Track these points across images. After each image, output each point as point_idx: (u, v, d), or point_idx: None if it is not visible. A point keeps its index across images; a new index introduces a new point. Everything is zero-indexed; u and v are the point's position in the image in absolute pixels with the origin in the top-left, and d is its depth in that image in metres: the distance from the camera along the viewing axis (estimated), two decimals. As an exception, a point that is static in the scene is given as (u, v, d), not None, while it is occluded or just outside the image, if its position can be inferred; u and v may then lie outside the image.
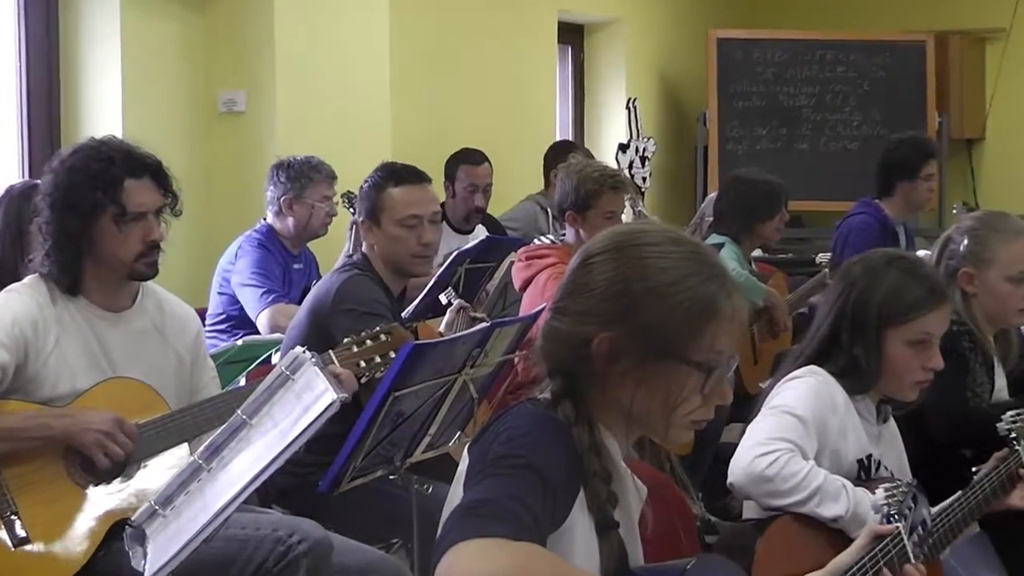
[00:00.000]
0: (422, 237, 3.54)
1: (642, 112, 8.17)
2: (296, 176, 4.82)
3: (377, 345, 3.02)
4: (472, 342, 2.94)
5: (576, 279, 1.74)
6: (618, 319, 1.67)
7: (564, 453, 1.63)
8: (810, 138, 8.37)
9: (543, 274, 4.26)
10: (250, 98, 5.47)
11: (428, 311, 4.18)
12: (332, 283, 3.48)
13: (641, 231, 1.74)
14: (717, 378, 1.69)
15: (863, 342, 2.62)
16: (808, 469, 2.46)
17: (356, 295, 3.42)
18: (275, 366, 2.29)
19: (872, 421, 2.68)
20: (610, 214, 4.30)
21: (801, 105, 8.37)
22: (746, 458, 2.47)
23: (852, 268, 2.71)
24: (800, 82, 8.36)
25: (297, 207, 4.82)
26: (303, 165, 4.84)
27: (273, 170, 4.89)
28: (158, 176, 2.87)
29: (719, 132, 8.31)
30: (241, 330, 4.61)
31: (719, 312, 1.67)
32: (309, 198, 4.82)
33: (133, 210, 2.82)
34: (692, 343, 1.66)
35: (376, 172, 3.61)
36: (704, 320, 1.67)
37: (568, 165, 4.45)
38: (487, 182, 5.78)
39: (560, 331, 1.72)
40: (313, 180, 4.83)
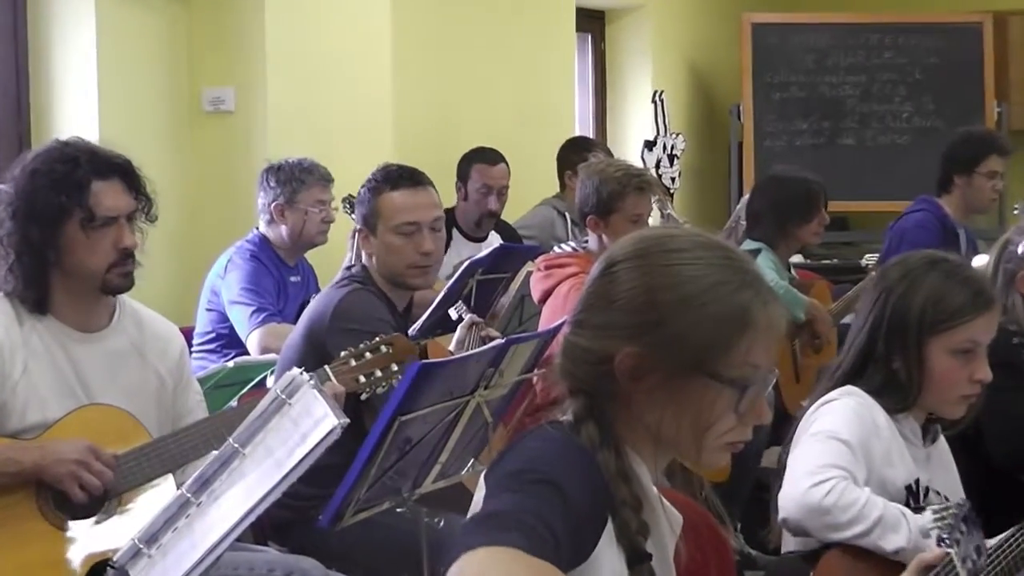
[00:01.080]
0: (421, 246, 3.54)
1: (670, 106, 8.17)
2: (287, 180, 4.84)
3: (378, 358, 3.02)
4: (486, 361, 2.94)
5: (597, 289, 1.74)
6: (643, 332, 1.67)
7: (588, 479, 1.63)
8: (856, 132, 8.35)
9: (564, 285, 4.26)
10: (239, 96, 5.48)
11: (437, 327, 4.18)
12: (330, 299, 3.49)
13: (668, 236, 1.74)
14: (753, 395, 1.69)
15: (902, 353, 2.62)
16: (866, 498, 2.46)
17: (356, 312, 3.43)
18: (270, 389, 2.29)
19: (918, 443, 2.68)
20: (636, 218, 4.30)
21: (845, 96, 8.35)
22: (798, 489, 2.47)
23: (889, 272, 2.70)
24: (844, 70, 8.34)
25: (289, 213, 4.83)
26: (294, 168, 4.86)
27: (263, 174, 4.90)
28: (128, 177, 2.87)
29: (755, 127, 8.29)
30: (232, 350, 4.61)
31: (753, 322, 1.67)
32: (302, 203, 4.83)
33: (102, 214, 2.81)
34: (724, 357, 1.66)
35: (372, 175, 3.63)
36: (737, 331, 1.67)
37: (588, 165, 4.45)
38: (503, 184, 5.78)
39: (580, 347, 1.72)
40: (305, 183, 4.84)
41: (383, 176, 3.60)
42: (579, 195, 4.39)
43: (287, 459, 2.07)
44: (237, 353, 4.50)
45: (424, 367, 2.74)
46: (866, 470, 2.55)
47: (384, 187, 3.56)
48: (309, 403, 2.13)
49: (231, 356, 4.44)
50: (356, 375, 3.01)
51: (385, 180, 3.58)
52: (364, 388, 3.02)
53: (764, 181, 5.32)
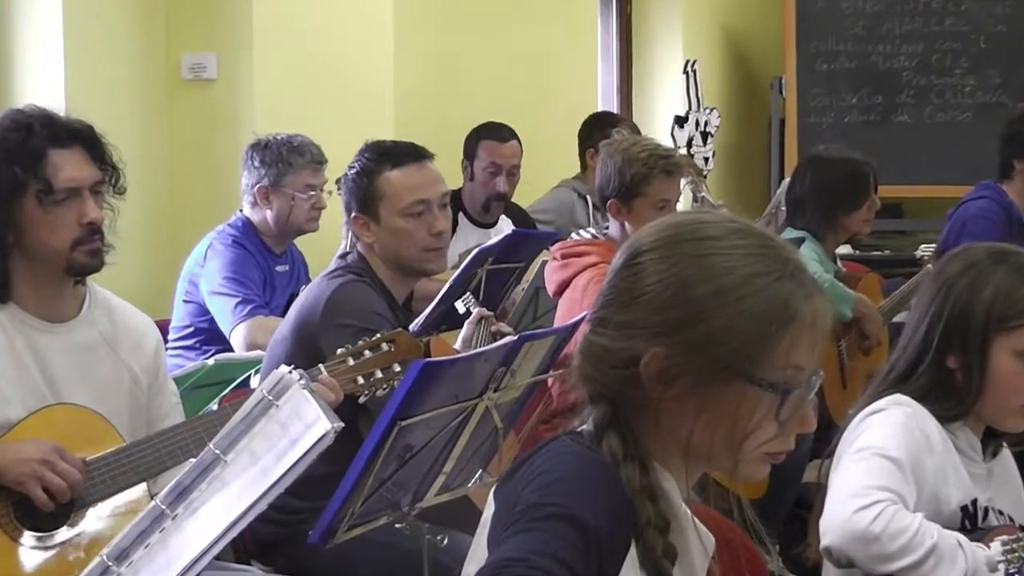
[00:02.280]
0: (433, 225, 3.56)
1: (703, 77, 8.16)
2: (273, 160, 4.83)
3: (378, 356, 3.03)
4: (496, 360, 2.94)
5: (620, 282, 1.74)
6: (671, 331, 1.67)
7: (611, 499, 1.63)
8: (911, 108, 8.34)
9: (583, 276, 4.27)
10: (222, 62, 5.48)
11: (442, 322, 4.18)
12: (321, 291, 3.49)
13: (700, 222, 1.74)
14: (795, 400, 1.69)
15: (962, 352, 2.62)
16: (918, 524, 2.46)
17: (351, 306, 3.43)
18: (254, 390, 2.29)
19: (977, 458, 2.68)
20: (662, 203, 4.30)
21: (900, 67, 8.34)
22: (843, 513, 2.47)
23: (949, 265, 2.71)
24: (899, 38, 8.33)
25: (274, 197, 4.83)
26: (282, 147, 4.85)
27: (248, 151, 4.89)
28: (91, 145, 2.87)
29: (798, 101, 8.29)
30: (212, 346, 4.62)
31: (796, 318, 1.67)
32: (288, 187, 4.82)
33: (61, 186, 2.81)
34: (763, 358, 1.67)
35: (364, 155, 3.62)
36: (777, 329, 1.67)
37: (611, 143, 4.45)
38: (513, 163, 5.78)
39: (601, 347, 1.73)
40: (294, 165, 4.83)
41: (380, 154, 3.60)
42: (599, 176, 4.39)
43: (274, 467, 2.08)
44: (218, 350, 4.50)
45: (427, 366, 2.75)
46: (916, 491, 2.54)
47: (383, 166, 3.57)
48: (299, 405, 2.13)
49: (211, 353, 4.44)
50: (354, 376, 3.01)
51: (383, 158, 3.58)
52: (363, 390, 3.02)
53: (808, 162, 5.31)
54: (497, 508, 1.69)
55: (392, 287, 3.60)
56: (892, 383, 2.68)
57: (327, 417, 2.06)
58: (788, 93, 8.30)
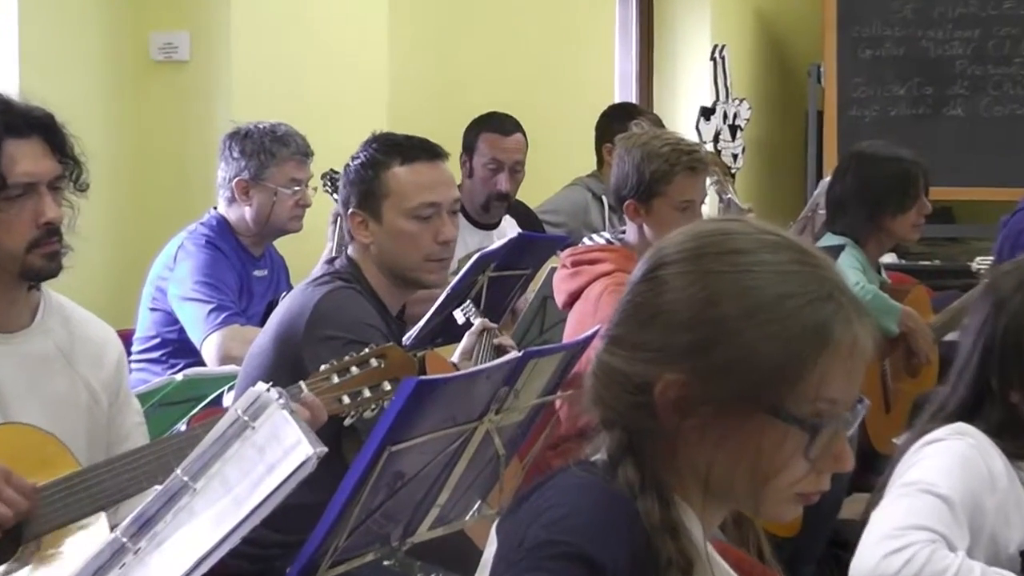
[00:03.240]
0: (440, 232, 3.55)
1: (732, 65, 8.16)
2: (254, 151, 4.83)
3: (366, 373, 3.02)
4: (498, 378, 2.94)
5: (637, 297, 1.74)
6: (690, 355, 1.67)
7: (627, 536, 1.63)
8: (966, 100, 8.35)
9: (596, 285, 4.26)
10: (195, 42, 5.48)
11: (438, 334, 4.18)
12: (306, 299, 3.49)
13: (727, 233, 1.74)
14: (829, 437, 1.68)
15: (1020, 384, 2.60)
16: (958, 565, 2.45)
17: (340, 317, 3.43)
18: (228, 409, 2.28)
19: None
20: (685, 204, 4.30)
21: (953, 55, 8.34)
22: (872, 557, 2.46)
23: (1002, 280, 2.70)
24: (952, 23, 8.33)
25: (255, 192, 4.84)
26: (264, 136, 4.85)
27: (226, 141, 4.90)
28: (50, 135, 2.86)
29: (839, 92, 8.30)
30: (181, 360, 4.62)
31: (831, 345, 1.67)
32: (271, 181, 4.83)
33: (17, 180, 2.81)
34: (792, 389, 1.66)
35: (372, 146, 3.62)
36: (809, 357, 1.66)
37: (629, 137, 4.45)
38: (516, 159, 5.79)
39: (614, 369, 1.73)
40: (277, 157, 4.84)
41: (388, 146, 3.60)
42: (616, 174, 4.39)
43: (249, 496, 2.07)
44: (187, 363, 4.50)
45: (421, 385, 2.74)
46: (972, 534, 2.53)
47: (392, 160, 3.57)
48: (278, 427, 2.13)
49: (180, 367, 4.43)
50: (339, 394, 3.01)
51: (393, 151, 3.58)
52: (349, 411, 3.01)
53: (849, 160, 5.31)
54: (500, 545, 1.68)
55: (385, 296, 3.60)
56: (950, 415, 2.66)
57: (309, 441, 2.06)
58: (827, 83, 8.30)
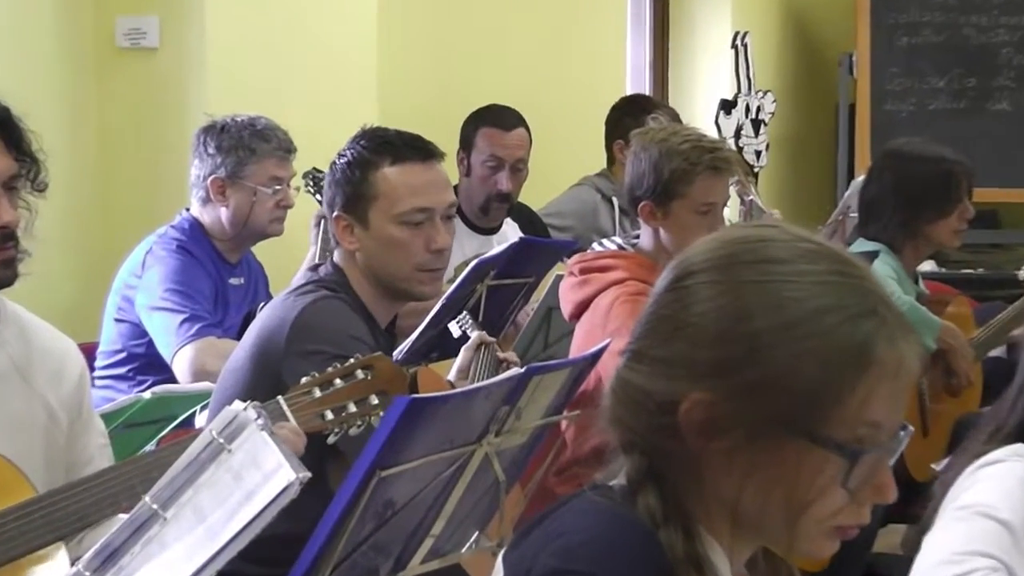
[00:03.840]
0: (433, 240, 3.56)
1: (756, 54, 8.17)
2: (232, 146, 4.84)
3: (351, 386, 3.02)
4: (498, 396, 2.94)
5: (662, 309, 1.74)
6: (719, 373, 1.67)
7: (648, 568, 1.64)
8: (1012, 93, 8.35)
9: (606, 295, 4.26)
10: (165, 28, 5.49)
11: (432, 349, 4.18)
12: (287, 311, 3.49)
13: (761, 240, 1.74)
14: (870, 465, 1.69)
15: None
16: None
17: (325, 329, 3.43)
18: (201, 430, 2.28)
19: None
20: (707, 207, 4.31)
21: (998, 43, 8.35)
22: None
23: None
24: (997, 8, 8.34)
25: (232, 192, 4.84)
26: (243, 130, 4.86)
27: (200, 136, 4.90)
28: (5, 130, 2.86)
29: (873, 84, 8.30)
30: (149, 376, 4.62)
31: (874, 365, 1.67)
32: (250, 179, 4.83)
33: None
34: (830, 412, 1.66)
35: (360, 142, 3.62)
36: (850, 377, 1.66)
37: (645, 132, 4.45)
38: (518, 156, 5.78)
39: (636, 386, 1.73)
40: (257, 153, 4.84)
41: (378, 144, 3.60)
42: (630, 173, 4.39)
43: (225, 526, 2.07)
44: (157, 379, 4.49)
45: (414, 403, 2.73)
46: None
47: (382, 159, 3.57)
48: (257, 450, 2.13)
49: (148, 384, 4.44)
50: (321, 410, 3.00)
51: (382, 150, 3.58)
52: (332, 428, 3.01)
53: (885, 159, 5.32)
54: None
55: (374, 307, 3.60)
56: (1007, 439, 2.66)
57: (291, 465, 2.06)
58: (860, 74, 8.31)
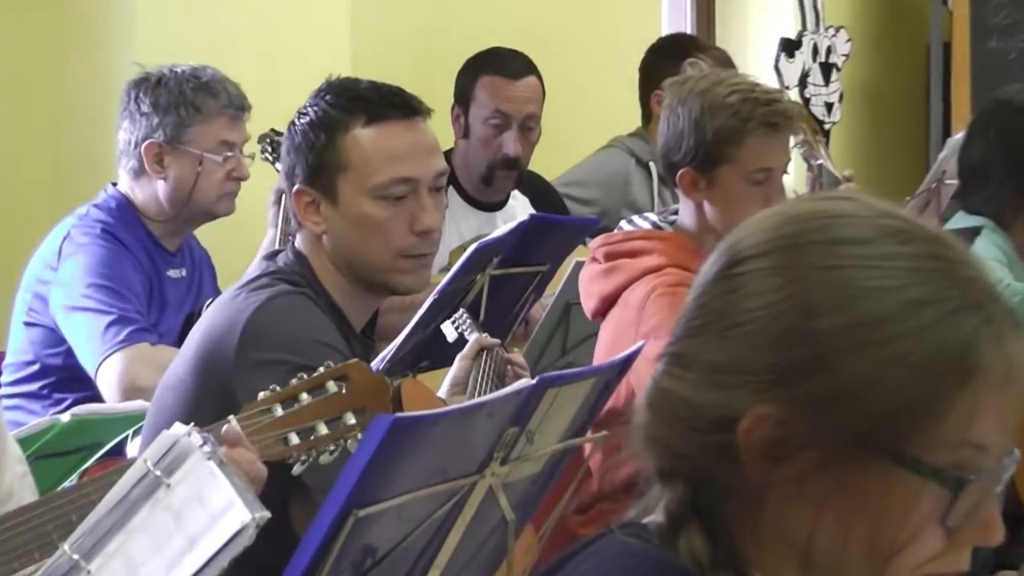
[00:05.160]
0: (418, 219, 3.56)
1: (825, -19, 8.19)
2: (172, 104, 4.85)
3: (321, 402, 3.01)
4: (504, 415, 2.95)
5: (711, 301, 1.75)
6: (787, 381, 1.67)
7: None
8: None
9: (638, 286, 4.23)
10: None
11: (421, 357, 4.19)
12: (239, 310, 3.50)
13: (834, 215, 1.74)
14: (974, 498, 1.69)
15: None
16: None
17: (284, 333, 3.45)
18: (134, 460, 2.29)
19: None
20: (762, 174, 4.29)
21: None
22: None
23: None
24: None
25: (172, 161, 4.85)
26: (185, 84, 4.87)
27: (131, 92, 4.91)
28: None
29: (973, 17, 8.29)
30: (68, 393, 4.65)
31: (980, 372, 1.67)
32: (194, 144, 4.85)
33: None
34: (925, 430, 1.66)
35: (325, 97, 3.61)
36: (952, 387, 1.66)
37: (682, 82, 4.43)
38: (529, 111, 5.79)
39: (680, 398, 1.73)
40: (203, 111, 4.86)
41: (348, 99, 3.59)
42: (665, 133, 4.37)
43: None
44: (78, 398, 4.52)
45: (398, 424, 2.74)
46: None
47: (353, 118, 3.56)
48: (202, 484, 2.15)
49: (67, 403, 4.46)
50: (283, 432, 3.00)
51: (354, 106, 3.58)
52: (297, 455, 3.02)
53: (991, 111, 5.31)
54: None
55: (346, 305, 3.61)
56: None
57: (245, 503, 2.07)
58: (957, 4, 8.30)
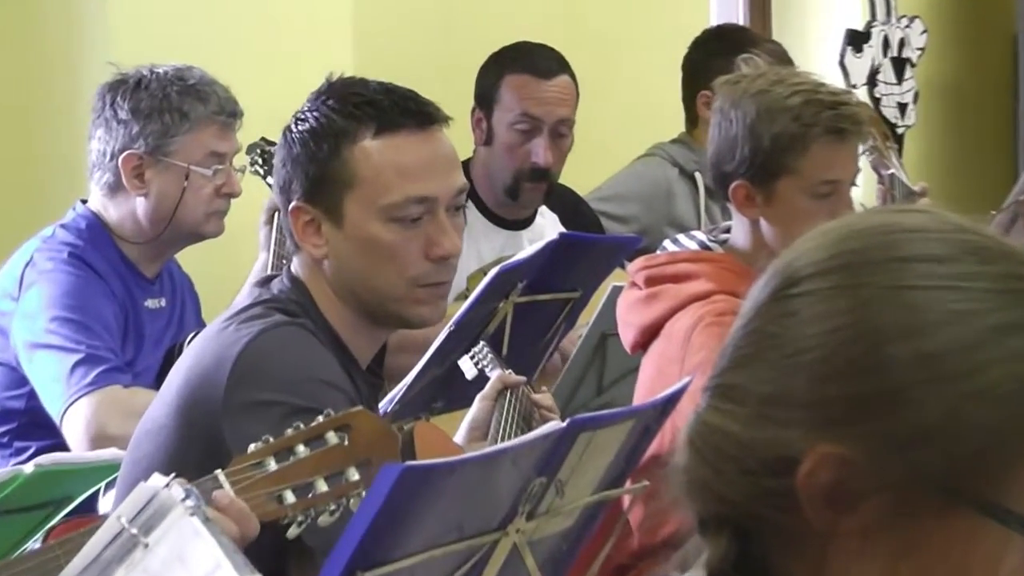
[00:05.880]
0: (437, 244, 3.56)
1: (897, -34, 8.20)
2: (154, 110, 4.87)
3: (321, 455, 3.02)
4: (530, 463, 2.97)
5: (764, 326, 1.75)
6: (854, 417, 1.67)
7: None
8: None
9: (684, 315, 4.24)
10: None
11: (436, 396, 4.21)
12: (227, 345, 3.52)
13: (906, 231, 1.74)
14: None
15: None
16: None
17: (279, 370, 3.47)
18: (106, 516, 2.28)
19: None
20: (828, 187, 4.31)
21: None
22: None
23: None
24: None
25: (155, 175, 4.87)
26: (169, 87, 4.89)
27: (105, 96, 4.93)
28: None
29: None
30: (32, 441, 4.68)
31: None
32: (180, 155, 4.87)
33: None
34: (1014, 474, 1.67)
35: (327, 102, 3.61)
36: None
37: (733, 82, 4.44)
38: (561, 115, 5.81)
39: (726, 435, 1.73)
40: (190, 118, 4.88)
41: (355, 105, 3.59)
42: (716, 140, 4.38)
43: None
44: (42, 446, 4.55)
45: (409, 473, 2.76)
46: None
47: (361, 127, 3.56)
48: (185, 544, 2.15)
49: (31, 452, 4.50)
50: (278, 489, 3.00)
51: (362, 113, 3.57)
52: (294, 515, 3.01)
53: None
54: None
55: (350, 338, 3.62)
56: None
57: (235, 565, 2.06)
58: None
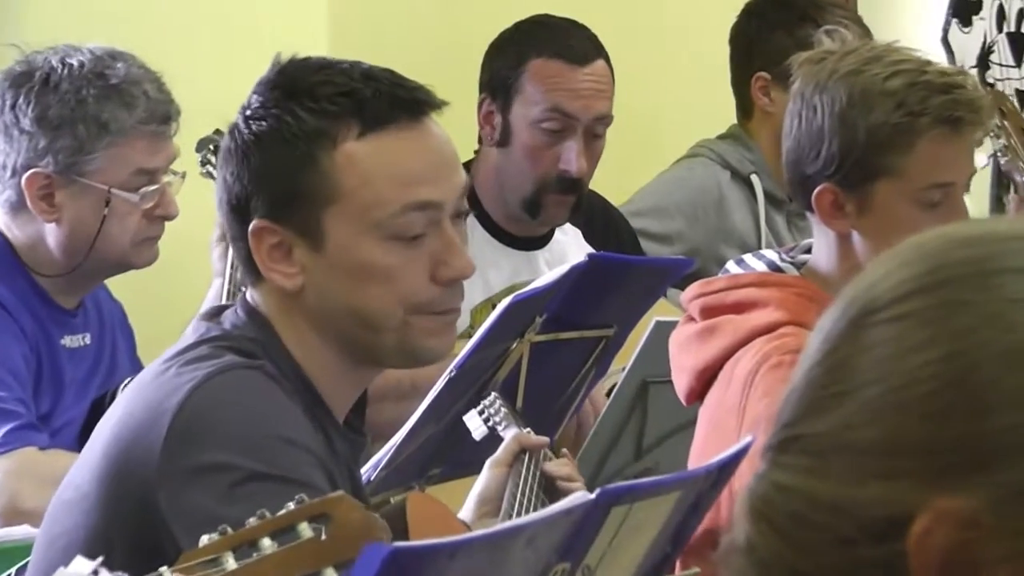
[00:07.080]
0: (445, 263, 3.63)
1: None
2: (65, 119, 4.98)
3: (291, 551, 3.01)
4: (551, 544, 2.99)
5: (847, 360, 1.77)
6: (980, 462, 1.72)
7: None
8: None
9: (746, 354, 4.30)
10: None
11: (433, 460, 4.23)
12: (167, 392, 3.56)
13: (1005, 239, 1.82)
14: None
15: None
16: None
17: (230, 426, 3.53)
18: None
19: None
20: (938, 192, 4.35)
21: None
22: None
23: None
24: None
25: (66, 198, 4.99)
26: (85, 85, 5.00)
27: (5, 93, 5.05)
28: None
29: None
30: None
31: None
32: (98, 176, 4.98)
33: None
34: None
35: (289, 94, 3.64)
36: None
37: (814, 60, 4.44)
38: (599, 111, 5.92)
39: (808, 497, 1.76)
40: (111, 129, 4.99)
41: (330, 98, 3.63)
42: (793, 135, 4.40)
43: None
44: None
45: (399, 555, 2.79)
46: None
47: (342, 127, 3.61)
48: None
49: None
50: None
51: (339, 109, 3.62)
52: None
53: None
54: None
55: (326, 383, 3.66)
56: None
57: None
58: None
